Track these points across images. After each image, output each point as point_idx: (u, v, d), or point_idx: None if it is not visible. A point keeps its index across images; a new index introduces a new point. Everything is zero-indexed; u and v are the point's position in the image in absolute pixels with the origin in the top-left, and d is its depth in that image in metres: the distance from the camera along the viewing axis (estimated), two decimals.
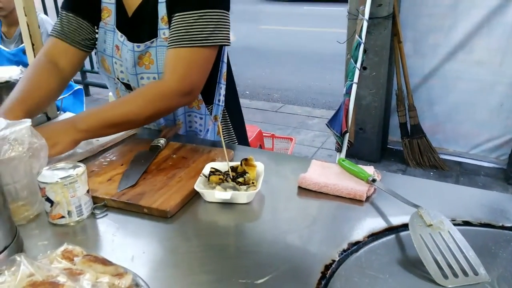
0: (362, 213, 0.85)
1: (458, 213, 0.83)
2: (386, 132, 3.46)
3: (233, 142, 1.40)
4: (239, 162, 0.95)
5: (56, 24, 1.21)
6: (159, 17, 1.11)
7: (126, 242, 0.78)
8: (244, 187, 0.90)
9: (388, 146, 3.52)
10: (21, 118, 0.87)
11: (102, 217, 0.85)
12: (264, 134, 2.80)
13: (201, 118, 1.30)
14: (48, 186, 0.79)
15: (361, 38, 2.66)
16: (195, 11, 1.04)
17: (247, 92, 5.35)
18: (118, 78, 1.24)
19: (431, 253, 0.69)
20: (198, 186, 0.90)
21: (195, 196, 0.91)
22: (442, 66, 3.09)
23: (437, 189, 0.96)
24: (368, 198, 0.90)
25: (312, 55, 6.78)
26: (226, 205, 0.88)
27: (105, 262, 0.62)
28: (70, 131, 1.02)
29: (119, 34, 1.18)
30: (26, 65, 1.29)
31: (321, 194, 0.92)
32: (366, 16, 2.67)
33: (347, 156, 2.65)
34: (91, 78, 5.15)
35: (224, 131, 1.38)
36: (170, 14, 1.09)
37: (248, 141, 1.49)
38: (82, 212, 0.83)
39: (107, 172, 0.99)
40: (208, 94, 1.27)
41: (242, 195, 0.88)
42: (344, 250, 0.73)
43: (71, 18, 1.19)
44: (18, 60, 2.43)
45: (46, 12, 3.51)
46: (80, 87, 2.61)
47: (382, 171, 0.98)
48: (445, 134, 3.27)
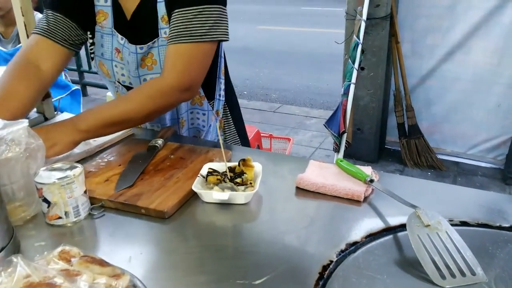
0: (360, 213, 0.85)
1: (456, 213, 0.83)
2: (384, 132, 3.47)
3: (234, 137, 1.41)
4: (237, 163, 0.95)
5: (41, 21, 1.14)
6: (159, 16, 1.11)
7: (123, 243, 0.78)
8: (242, 188, 0.90)
9: (385, 146, 3.53)
10: None
11: (99, 217, 0.85)
12: (262, 135, 2.80)
13: (204, 114, 1.30)
14: (45, 186, 0.79)
15: (359, 39, 2.66)
16: (194, 7, 1.04)
17: (245, 92, 5.35)
18: (119, 82, 1.24)
19: (429, 253, 0.69)
20: (196, 186, 0.90)
21: (193, 196, 0.91)
22: (439, 66, 3.10)
23: (434, 189, 0.96)
24: (366, 198, 0.90)
25: (310, 56, 6.79)
26: (224, 205, 0.88)
27: (102, 263, 0.62)
28: (69, 132, 1.01)
29: (119, 36, 1.17)
30: None
31: (319, 195, 0.92)
32: (364, 16, 2.68)
33: (345, 156, 2.65)
34: (89, 78, 5.14)
35: (225, 125, 1.39)
36: (170, 11, 1.09)
37: (247, 135, 1.50)
38: (79, 212, 0.83)
39: (105, 172, 0.99)
40: (209, 89, 1.28)
41: (240, 196, 0.88)
42: (342, 251, 0.73)
43: (59, 18, 1.13)
44: None
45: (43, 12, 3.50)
46: (77, 88, 2.60)
47: (379, 172, 0.99)
48: (442, 134, 3.28)
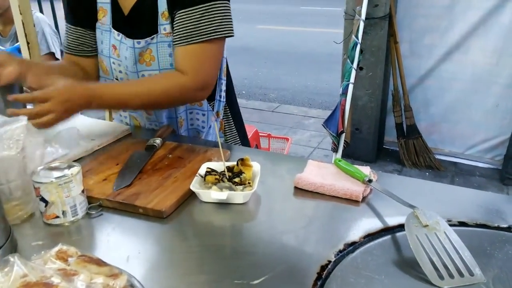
0: (358, 213, 0.85)
1: (454, 213, 0.83)
2: (382, 132, 3.47)
3: (235, 138, 1.40)
4: (235, 162, 0.95)
5: (65, 38, 1.29)
6: (159, 12, 1.11)
7: (121, 242, 0.78)
8: (240, 187, 0.90)
9: (384, 146, 3.53)
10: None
11: (97, 217, 0.85)
12: (260, 134, 2.80)
13: (203, 115, 1.30)
14: (42, 186, 0.78)
15: (357, 39, 2.66)
16: (201, 5, 1.04)
17: (244, 92, 5.34)
18: (116, 79, 1.24)
19: (427, 253, 0.69)
20: (194, 186, 0.90)
21: (191, 196, 0.91)
22: (438, 66, 3.10)
23: (432, 189, 0.96)
24: (364, 198, 0.90)
25: (308, 55, 6.78)
26: (222, 205, 0.88)
27: (99, 263, 0.62)
28: (83, 105, 1.02)
29: (116, 33, 1.17)
30: None
31: (317, 195, 0.92)
32: (363, 16, 2.68)
33: (343, 156, 2.65)
34: None
35: (226, 126, 1.38)
36: (171, 9, 1.09)
37: (247, 136, 1.49)
38: (77, 212, 0.83)
39: (103, 171, 0.98)
40: None
41: (238, 195, 0.87)
42: (340, 251, 0.73)
43: (73, 30, 1.25)
44: None
45: (42, 10, 3.48)
46: None
47: (378, 172, 0.99)
48: (440, 134, 3.28)
